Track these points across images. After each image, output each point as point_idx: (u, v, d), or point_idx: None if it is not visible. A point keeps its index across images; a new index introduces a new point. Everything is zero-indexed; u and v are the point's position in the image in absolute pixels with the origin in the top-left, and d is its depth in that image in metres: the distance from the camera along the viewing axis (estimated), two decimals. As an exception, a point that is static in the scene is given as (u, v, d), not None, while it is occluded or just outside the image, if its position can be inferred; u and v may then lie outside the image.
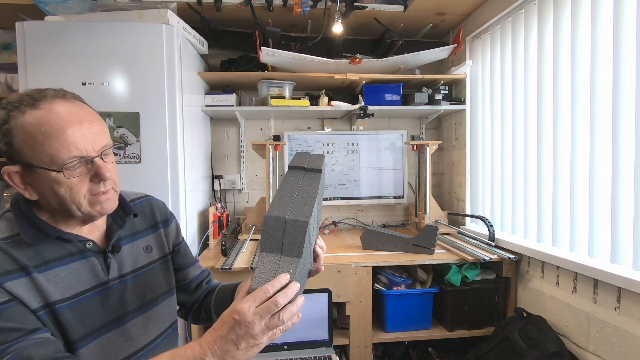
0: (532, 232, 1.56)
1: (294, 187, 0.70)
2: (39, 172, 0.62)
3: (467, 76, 2.02)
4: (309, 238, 0.64)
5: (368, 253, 1.70)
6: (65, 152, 0.61)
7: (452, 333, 1.64)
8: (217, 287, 0.95)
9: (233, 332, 0.54)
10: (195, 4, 1.68)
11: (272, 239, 0.61)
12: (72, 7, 1.52)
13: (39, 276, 0.64)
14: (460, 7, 1.84)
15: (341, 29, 1.78)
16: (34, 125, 0.60)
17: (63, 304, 0.65)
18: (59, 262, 0.67)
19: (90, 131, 0.64)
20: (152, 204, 0.88)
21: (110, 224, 0.77)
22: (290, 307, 0.57)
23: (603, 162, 1.22)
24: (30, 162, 0.61)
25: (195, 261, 0.95)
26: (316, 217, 0.73)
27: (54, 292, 0.65)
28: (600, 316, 1.23)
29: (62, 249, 0.68)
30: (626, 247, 1.15)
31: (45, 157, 0.61)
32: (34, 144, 0.60)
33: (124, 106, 1.47)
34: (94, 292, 0.70)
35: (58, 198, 0.64)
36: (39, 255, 0.65)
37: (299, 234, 0.60)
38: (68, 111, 0.63)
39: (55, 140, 0.60)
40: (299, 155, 0.79)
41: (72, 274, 0.68)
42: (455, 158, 2.20)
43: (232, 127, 2.27)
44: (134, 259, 0.79)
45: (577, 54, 1.31)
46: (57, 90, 0.66)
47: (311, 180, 0.72)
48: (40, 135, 0.60)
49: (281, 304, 0.55)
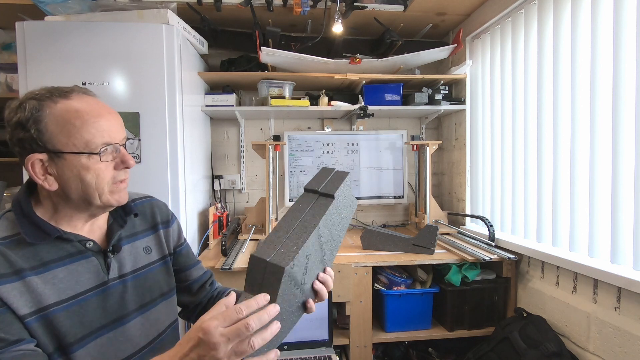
0: (532, 232, 1.56)
1: (295, 218, 0.62)
2: (69, 158, 0.65)
3: (467, 76, 2.02)
4: (292, 281, 0.58)
5: (368, 253, 1.70)
6: (99, 138, 0.66)
7: (452, 333, 1.64)
8: (221, 292, 0.95)
9: (195, 352, 0.50)
10: (195, 4, 1.68)
11: (253, 280, 0.56)
12: (72, 7, 1.52)
13: (35, 278, 0.64)
14: (460, 7, 1.85)
15: (341, 29, 1.78)
16: (70, 112, 0.65)
17: (59, 306, 0.65)
18: (58, 263, 0.67)
19: (117, 122, 0.71)
20: (153, 204, 0.88)
21: (111, 223, 0.78)
22: (263, 333, 0.52)
23: (603, 162, 1.22)
24: (61, 148, 0.64)
25: (198, 262, 0.95)
26: (320, 250, 0.65)
27: (50, 294, 0.64)
28: (600, 316, 1.23)
29: (61, 249, 0.68)
30: (626, 247, 1.15)
31: (80, 142, 0.65)
32: (70, 129, 0.64)
33: (124, 106, 1.47)
34: (94, 292, 0.70)
35: (83, 185, 0.66)
36: (37, 256, 0.65)
37: (275, 280, 0.54)
38: (97, 103, 0.69)
39: (92, 126, 0.66)
40: (321, 172, 0.70)
41: (70, 275, 0.68)
42: (455, 158, 2.20)
43: (232, 127, 2.27)
44: (134, 259, 0.79)
45: (577, 53, 1.31)
46: (81, 87, 0.72)
47: (319, 209, 0.63)
48: (78, 121, 0.65)
49: (253, 327, 0.50)
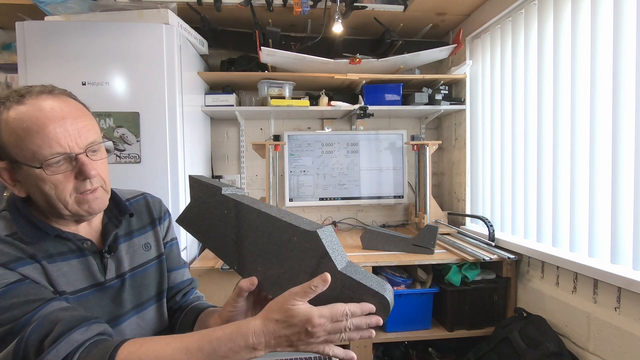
0: (532, 232, 1.55)
1: None
2: (24, 168, 0.62)
3: (467, 76, 2.02)
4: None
5: (368, 253, 1.70)
6: (47, 149, 0.60)
7: (452, 333, 1.63)
8: (191, 303, 0.87)
9: (297, 336, 0.55)
10: (195, 4, 1.68)
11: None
12: (72, 7, 1.52)
13: (48, 266, 0.64)
14: (460, 7, 1.84)
15: (341, 29, 1.78)
16: (16, 121, 0.60)
17: (70, 296, 0.65)
18: (62, 258, 0.67)
19: (74, 127, 0.63)
20: (147, 200, 0.86)
21: (106, 223, 0.76)
22: (353, 334, 0.57)
23: (603, 162, 1.22)
24: (15, 158, 0.61)
25: (181, 267, 0.89)
26: None
27: (61, 283, 0.65)
28: (600, 316, 1.23)
29: (62, 245, 0.68)
30: (626, 247, 1.15)
31: (27, 153, 0.60)
32: (17, 140, 0.60)
33: (124, 106, 1.47)
34: (91, 291, 0.70)
35: (44, 195, 0.63)
36: (43, 249, 0.65)
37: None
38: (52, 107, 0.62)
39: (36, 136, 0.59)
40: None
41: (72, 270, 0.68)
42: (455, 158, 2.20)
43: (232, 127, 2.27)
44: (130, 257, 0.77)
45: (577, 53, 1.31)
46: (44, 86, 0.65)
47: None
48: (22, 131, 0.59)
49: (350, 329, 0.56)
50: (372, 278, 0.57)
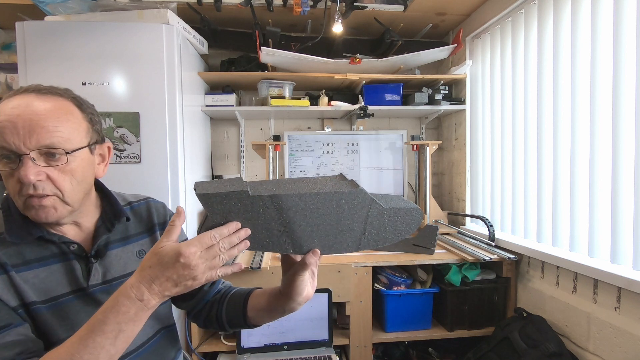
0: (532, 232, 1.56)
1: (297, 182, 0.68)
2: None
3: (467, 76, 2.02)
4: (263, 209, 0.63)
5: (368, 253, 1.70)
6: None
7: (452, 333, 1.64)
8: (227, 293, 0.88)
9: (175, 273, 0.55)
10: (195, 4, 1.68)
11: (223, 211, 0.62)
12: (72, 7, 1.52)
13: (16, 276, 0.63)
14: (460, 7, 1.84)
15: (341, 29, 1.78)
16: None
17: (42, 305, 0.64)
18: (40, 263, 0.66)
19: (28, 125, 0.59)
20: (149, 205, 0.84)
21: (99, 226, 0.74)
22: (231, 251, 0.59)
23: (603, 162, 1.22)
24: None
25: None
26: (304, 221, 0.66)
27: (30, 293, 0.64)
28: (600, 316, 1.23)
29: (45, 249, 0.67)
30: (626, 247, 1.15)
31: None
32: None
33: (124, 106, 1.47)
34: (74, 296, 0.68)
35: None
36: (20, 254, 0.65)
37: (241, 205, 0.61)
38: (18, 104, 0.61)
39: None
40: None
41: (52, 275, 0.66)
42: (455, 158, 2.20)
43: (232, 127, 2.27)
44: (123, 264, 0.75)
45: (577, 53, 1.31)
46: (37, 85, 0.65)
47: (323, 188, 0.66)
48: None
49: (225, 249, 0.58)
50: (403, 200, 0.68)
